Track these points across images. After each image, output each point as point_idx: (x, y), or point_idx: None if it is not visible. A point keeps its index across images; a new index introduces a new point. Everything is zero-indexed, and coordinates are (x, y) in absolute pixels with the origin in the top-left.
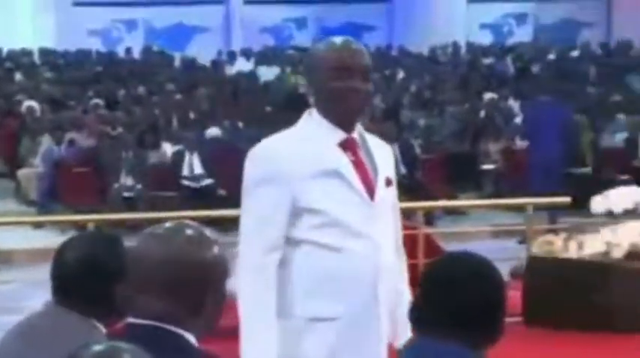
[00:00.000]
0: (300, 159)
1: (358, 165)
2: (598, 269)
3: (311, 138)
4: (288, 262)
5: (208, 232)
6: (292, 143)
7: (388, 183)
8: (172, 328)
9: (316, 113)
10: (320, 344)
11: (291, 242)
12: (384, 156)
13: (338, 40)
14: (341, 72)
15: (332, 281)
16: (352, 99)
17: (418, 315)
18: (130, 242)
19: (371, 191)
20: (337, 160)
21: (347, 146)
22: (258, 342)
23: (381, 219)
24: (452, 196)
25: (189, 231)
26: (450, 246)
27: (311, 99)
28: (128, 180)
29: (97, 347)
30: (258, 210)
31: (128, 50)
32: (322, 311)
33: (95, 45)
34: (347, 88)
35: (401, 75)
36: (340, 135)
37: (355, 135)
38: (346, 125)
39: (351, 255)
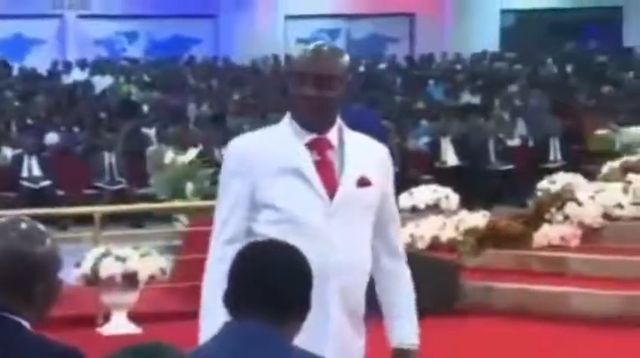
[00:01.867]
0: (264, 156)
1: (322, 164)
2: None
3: (280, 137)
4: None
5: (41, 226)
6: (261, 141)
7: (362, 183)
8: (5, 314)
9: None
10: None
11: (250, 235)
12: (367, 157)
13: (310, 47)
14: (297, 78)
15: None
16: (304, 105)
17: (230, 297)
18: None
19: (332, 191)
20: (299, 159)
21: (314, 146)
22: (211, 330)
23: (342, 218)
24: None
25: (22, 225)
26: None
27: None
28: None
29: None
30: (225, 203)
31: None
32: None
33: None
34: (299, 95)
35: (224, 84)
36: (310, 136)
37: (330, 135)
38: (312, 129)
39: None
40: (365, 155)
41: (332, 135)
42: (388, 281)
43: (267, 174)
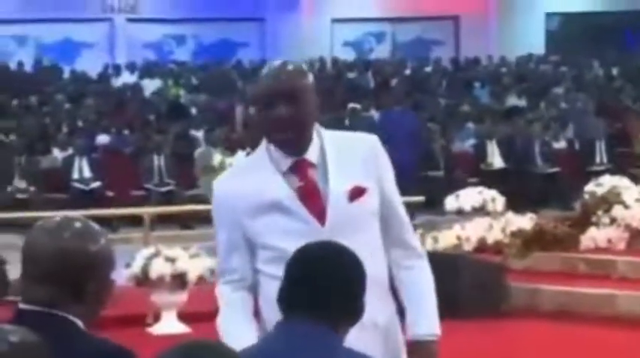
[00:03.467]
0: (243, 197)
1: (306, 189)
2: (450, 261)
3: (257, 169)
4: (260, 286)
5: (95, 226)
6: (238, 178)
7: (355, 194)
8: (59, 312)
9: None
10: None
11: (255, 272)
12: (353, 160)
13: (270, 66)
14: (264, 101)
15: None
16: (277, 128)
17: (284, 298)
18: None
19: (321, 215)
20: (279, 191)
21: (295, 171)
22: None
23: (340, 236)
24: None
25: (76, 224)
26: None
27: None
28: (21, 184)
29: None
30: (221, 249)
31: (20, 63)
32: None
33: None
34: (269, 118)
35: None
36: (288, 161)
37: (309, 154)
38: (289, 150)
39: None
40: (351, 159)
41: (311, 153)
42: (405, 276)
43: (249, 214)
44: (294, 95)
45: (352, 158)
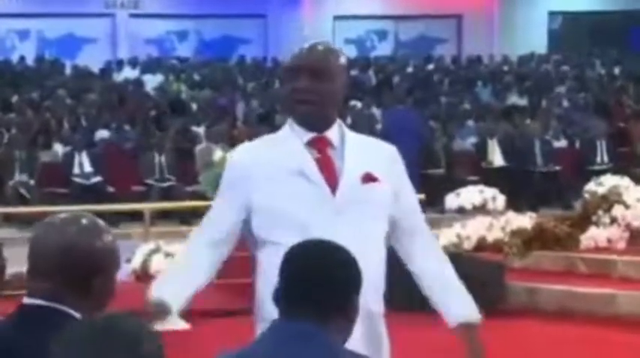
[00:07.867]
0: (262, 161)
1: (323, 162)
2: (449, 260)
3: (281, 140)
4: (259, 264)
5: (101, 222)
6: (260, 146)
7: (367, 179)
8: (60, 307)
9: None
10: None
11: (258, 244)
12: (370, 155)
13: (303, 44)
14: (291, 73)
15: None
16: (298, 98)
17: (277, 295)
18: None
19: (335, 188)
20: (299, 158)
21: (314, 145)
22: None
23: (349, 217)
24: None
25: (82, 221)
26: None
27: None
28: (22, 178)
29: None
30: (216, 206)
31: (22, 58)
32: None
33: None
34: (293, 89)
35: (276, 84)
36: (309, 135)
37: (329, 134)
38: (309, 125)
39: None
40: (368, 154)
41: (332, 134)
42: (434, 277)
43: (267, 177)
44: (318, 70)
45: (371, 155)
